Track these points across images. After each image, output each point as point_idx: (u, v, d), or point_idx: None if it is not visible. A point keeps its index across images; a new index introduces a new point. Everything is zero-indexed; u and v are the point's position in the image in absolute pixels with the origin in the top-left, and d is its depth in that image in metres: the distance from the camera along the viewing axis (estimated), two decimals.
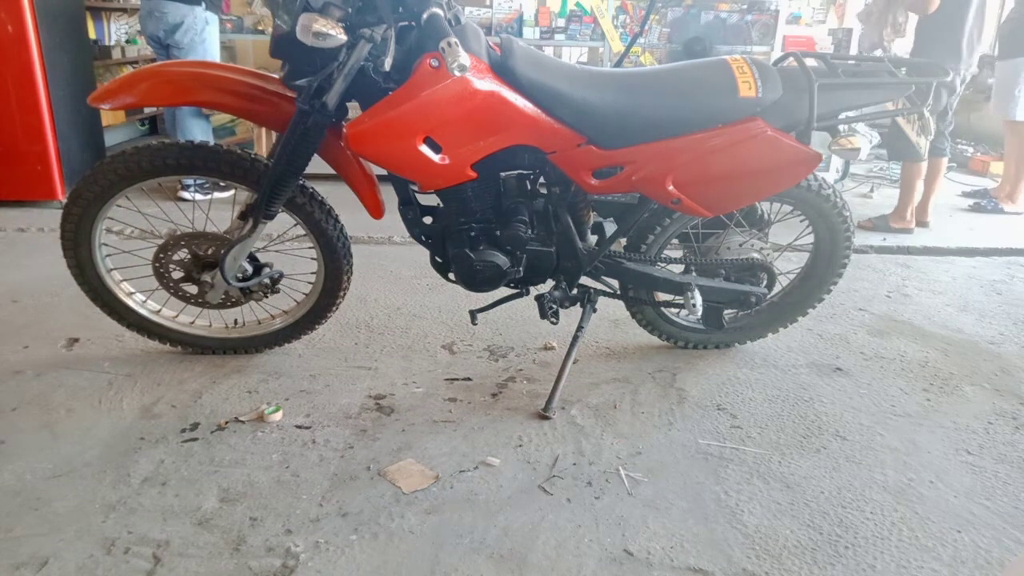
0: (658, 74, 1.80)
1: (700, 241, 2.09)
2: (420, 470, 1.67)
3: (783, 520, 1.54)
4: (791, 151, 1.74)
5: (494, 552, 1.43)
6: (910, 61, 1.94)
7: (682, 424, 1.89)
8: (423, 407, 1.93)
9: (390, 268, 2.94)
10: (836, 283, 2.18)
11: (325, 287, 2.07)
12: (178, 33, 3.60)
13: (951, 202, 4.34)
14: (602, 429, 1.85)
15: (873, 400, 2.04)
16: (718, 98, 1.72)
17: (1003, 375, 2.19)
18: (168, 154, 1.82)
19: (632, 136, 1.71)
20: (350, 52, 1.59)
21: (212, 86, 1.73)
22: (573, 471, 1.68)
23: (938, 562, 1.43)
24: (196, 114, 3.82)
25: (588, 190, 1.79)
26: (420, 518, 1.51)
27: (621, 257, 1.99)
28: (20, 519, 1.46)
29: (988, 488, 1.66)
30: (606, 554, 1.43)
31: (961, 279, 3.04)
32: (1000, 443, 1.84)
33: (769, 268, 2.04)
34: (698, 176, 1.75)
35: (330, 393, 1.98)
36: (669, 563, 1.41)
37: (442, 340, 2.32)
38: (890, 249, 3.35)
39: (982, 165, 4.95)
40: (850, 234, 2.09)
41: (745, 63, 1.76)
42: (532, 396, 1.99)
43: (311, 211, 1.93)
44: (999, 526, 1.54)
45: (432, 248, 1.94)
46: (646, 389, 2.06)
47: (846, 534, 1.50)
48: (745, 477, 1.68)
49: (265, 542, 1.43)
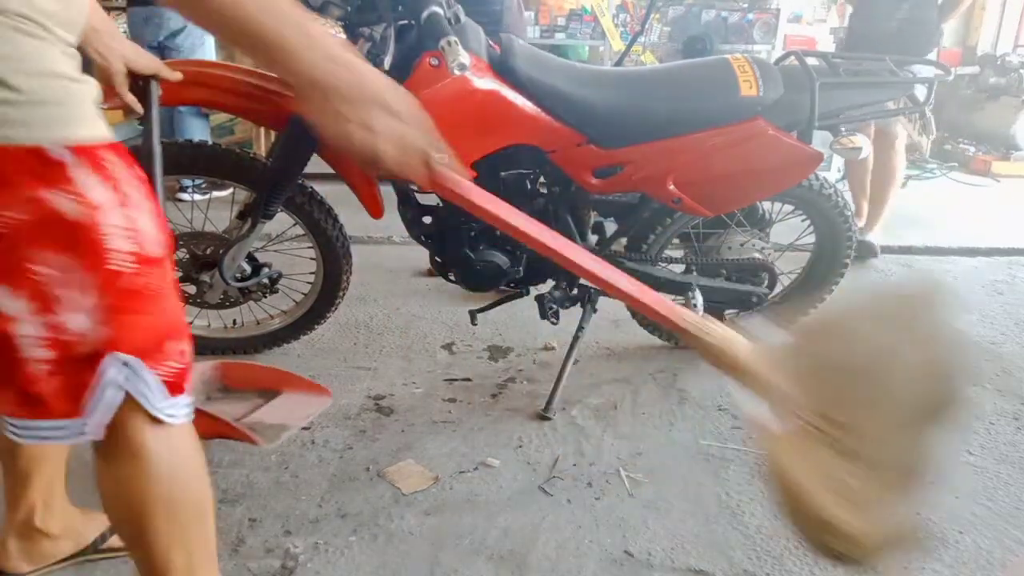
0: (659, 73, 1.79)
1: (701, 241, 2.08)
2: (420, 471, 1.66)
3: (784, 521, 1.53)
4: (792, 150, 1.73)
5: (494, 553, 1.42)
6: (912, 60, 1.94)
7: (683, 425, 1.88)
8: (423, 408, 1.93)
9: (390, 268, 2.94)
10: (838, 283, 2.17)
11: (324, 287, 2.06)
12: (179, 37, 3.59)
13: (951, 202, 4.33)
14: (602, 430, 1.84)
15: None
16: (719, 97, 1.71)
17: (1004, 375, 2.19)
18: (166, 153, 1.81)
19: (633, 135, 1.71)
20: None
21: (211, 85, 1.73)
22: (573, 472, 1.68)
23: (939, 563, 1.43)
24: (195, 113, 3.81)
25: (588, 189, 1.79)
26: (420, 519, 1.51)
27: (622, 257, 1.98)
28: None
29: (989, 489, 1.66)
30: (606, 555, 1.43)
31: (962, 279, 3.03)
32: (1002, 443, 1.83)
33: (770, 268, 2.03)
34: (699, 175, 1.74)
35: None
36: (670, 564, 1.41)
37: (442, 340, 2.32)
38: (891, 249, 3.34)
39: (984, 165, 4.93)
40: (852, 234, 2.08)
41: (746, 62, 1.76)
42: (532, 396, 1.99)
43: (310, 211, 1.93)
44: (1001, 527, 1.53)
45: (432, 248, 1.93)
46: (647, 390, 2.05)
47: None
48: (746, 478, 1.67)
49: (264, 543, 1.43)
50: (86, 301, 0.76)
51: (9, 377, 0.77)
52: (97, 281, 0.76)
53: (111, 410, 0.82)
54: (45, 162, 0.71)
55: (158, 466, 0.88)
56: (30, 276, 0.73)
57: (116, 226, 0.77)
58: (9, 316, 0.74)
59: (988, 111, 5.21)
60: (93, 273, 0.76)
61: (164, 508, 0.89)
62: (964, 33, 5.85)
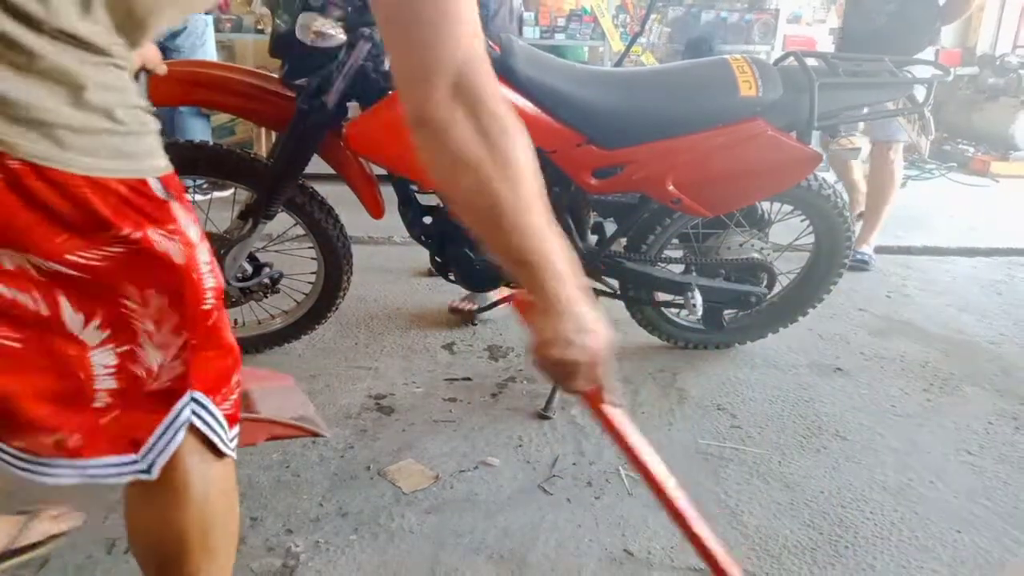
0: (658, 74, 1.80)
1: (700, 241, 2.09)
2: (420, 470, 1.67)
3: (783, 520, 1.54)
4: (791, 151, 1.74)
5: (494, 552, 1.43)
6: (911, 60, 1.94)
7: (682, 424, 1.89)
8: (423, 407, 1.93)
9: (390, 268, 2.94)
10: (836, 283, 2.18)
11: (325, 287, 2.07)
12: (180, 38, 3.59)
13: (950, 203, 4.34)
14: (602, 429, 1.85)
15: (873, 400, 2.03)
16: (719, 98, 1.72)
17: (1003, 375, 2.19)
18: (167, 154, 1.82)
19: (632, 136, 1.71)
20: (350, 52, 1.59)
21: (212, 86, 1.73)
22: (573, 471, 1.68)
23: (938, 562, 1.43)
24: (196, 114, 3.81)
25: (588, 190, 1.79)
26: (420, 518, 1.51)
27: (621, 257, 1.98)
28: None
29: (988, 488, 1.66)
30: (606, 554, 1.43)
31: (961, 279, 3.03)
32: (1000, 443, 1.84)
33: (769, 268, 2.03)
34: (698, 176, 1.75)
35: (330, 393, 1.98)
36: (669, 563, 1.41)
37: (442, 340, 2.32)
38: (890, 249, 3.34)
39: (983, 165, 4.94)
40: (850, 234, 2.09)
41: (746, 62, 1.76)
42: (532, 396, 1.99)
43: (311, 211, 1.93)
44: (999, 526, 1.54)
45: (432, 248, 1.93)
46: (646, 389, 2.06)
47: (846, 534, 1.50)
48: (745, 477, 1.68)
49: (265, 542, 1.43)
50: (174, 340, 0.76)
51: (69, 410, 0.74)
52: (190, 321, 0.76)
53: (175, 447, 0.80)
54: (149, 197, 0.71)
55: (205, 499, 0.87)
56: (121, 309, 0.72)
57: (206, 263, 0.77)
58: (88, 345, 0.72)
59: (987, 112, 5.21)
60: (190, 313, 0.76)
61: (201, 538, 0.89)
62: (963, 34, 5.86)
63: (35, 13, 0.60)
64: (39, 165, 0.63)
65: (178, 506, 0.85)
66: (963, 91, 5.46)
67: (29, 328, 0.68)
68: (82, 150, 0.65)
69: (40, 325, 0.69)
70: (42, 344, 0.70)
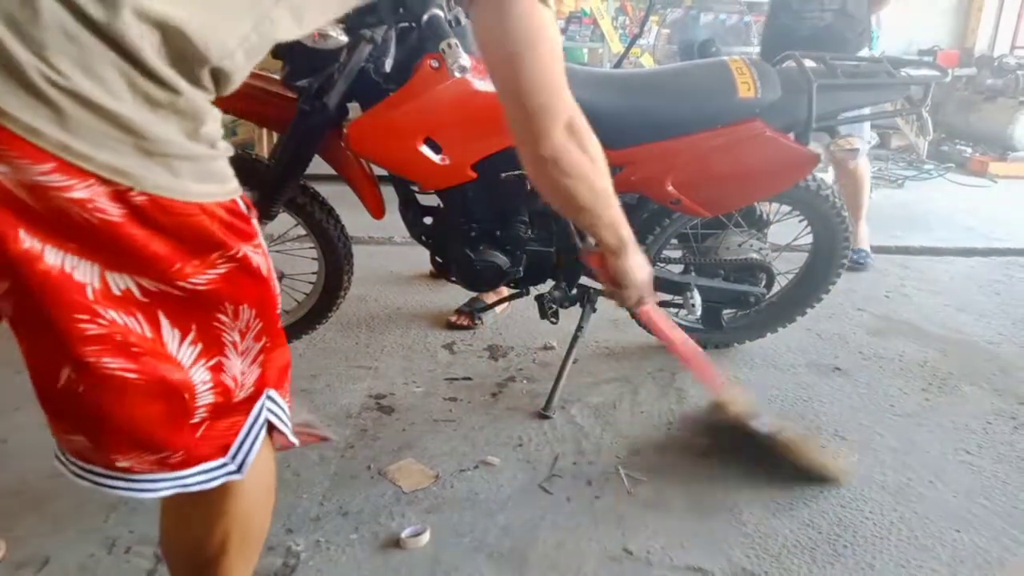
0: (657, 75, 1.80)
1: (699, 241, 2.10)
2: (420, 469, 1.67)
3: (782, 519, 1.54)
4: (790, 151, 1.74)
5: (494, 551, 1.43)
6: (909, 61, 1.95)
7: (682, 424, 1.89)
8: (423, 407, 1.94)
9: (390, 268, 2.95)
10: (835, 283, 2.19)
11: (325, 287, 2.07)
12: None
13: (948, 203, 4.34)
14: (602, 429, 1.85)
15: (872, 400, 2.04)
16: (717, 99, 1.72)
17: (1002, 375, 2.20)
18: None
19: (631, 136, 1.72)
20: (351, 53, 1.60)
21: None
22: (573, 470, 1.69)
23: (937, 561, 1.44)
24: None
25: None
26: (420, 517, 1.52)
27: None
28: (21, 519, 1.46)
29: (987, 488, 1.67)
30: (606, 553, 1.44)
31: (960, 279, 3.04)
32: (999, 443, 1.85)
33: (768, 268, 2.04)
34: (697, 176, 1.75)
35: (331, 392, 1.98)
36: (669, 562, 1.42)
37: (442, 340, 2.33)
38: (889, 249, 3.35)
39: (981, 165, 4.95)
40: (848, 234, 2.10)
41: (744, 64, 1.77)
42: (532, 396, 2.00)
43: (312, 211, 1.94)
44: (998, 525, 1.54)
45: (432, 248, 1.94)
46: (646, 389, 2.06)
47: (845, 533, 1.50)
48: (745, 476, 1.68)
49: (266, 541, 1.43)
50: (254, 345, 0.79)
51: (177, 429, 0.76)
52: (269, 327, 0.80)
53: (260, 444, 0.83)
54: (240, 216, 0.74)
55: (249, 496, 0.89)
56: (214, 323, 0.75)
57: (272, 269, 0.80)
58: (184, 365, 0.74)
59: (985, 112, 5.22)
60: (270, 319, 0.79)
61: (240, 538, 0.92)
62: (961, 35, 5.87)
63: (201, 58, 0.65)
64: (158, 197, 0.65)
65: (233, 497, 0.87)
66: (961, 92, 5.47)
67: (141, 358, 0.70)
68: (192, 177, 0.68)
69: (149, 353, 0.71)
70: (155, 374, 0.72)
